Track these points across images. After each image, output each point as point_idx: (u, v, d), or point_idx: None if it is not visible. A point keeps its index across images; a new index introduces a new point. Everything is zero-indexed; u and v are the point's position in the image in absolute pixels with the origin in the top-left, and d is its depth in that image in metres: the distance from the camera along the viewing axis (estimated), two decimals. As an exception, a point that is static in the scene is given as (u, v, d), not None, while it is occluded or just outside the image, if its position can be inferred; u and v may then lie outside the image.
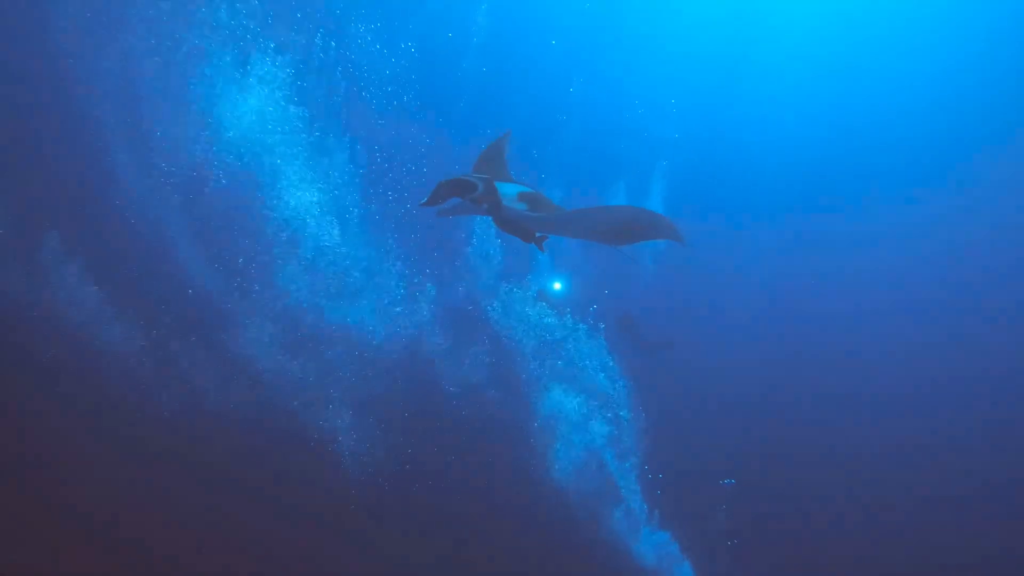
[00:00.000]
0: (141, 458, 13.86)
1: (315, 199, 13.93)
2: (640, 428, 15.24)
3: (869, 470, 19.16)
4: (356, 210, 14.56)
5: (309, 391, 13.92)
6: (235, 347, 14.21)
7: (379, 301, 14.75)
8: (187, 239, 15.38)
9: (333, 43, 14.62)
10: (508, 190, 5.73)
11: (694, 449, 17.00)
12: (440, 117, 16.76)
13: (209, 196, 14.75)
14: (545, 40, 21.02)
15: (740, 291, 22.26)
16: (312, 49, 14.33)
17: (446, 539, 14.32)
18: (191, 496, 13.70)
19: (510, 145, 6.58)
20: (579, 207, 5.73)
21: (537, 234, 6.11)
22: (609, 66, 21.62)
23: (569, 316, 14.66)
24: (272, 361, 14.16)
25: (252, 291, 14.42)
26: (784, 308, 22.59)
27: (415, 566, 14.06)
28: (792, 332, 22.17)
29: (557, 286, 16.70)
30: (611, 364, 14.66)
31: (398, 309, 14.99)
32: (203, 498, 13.68)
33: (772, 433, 19.25)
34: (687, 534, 14.57)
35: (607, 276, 17.30)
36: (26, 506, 12.51)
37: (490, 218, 5.87)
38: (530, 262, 16.33)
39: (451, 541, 14.33)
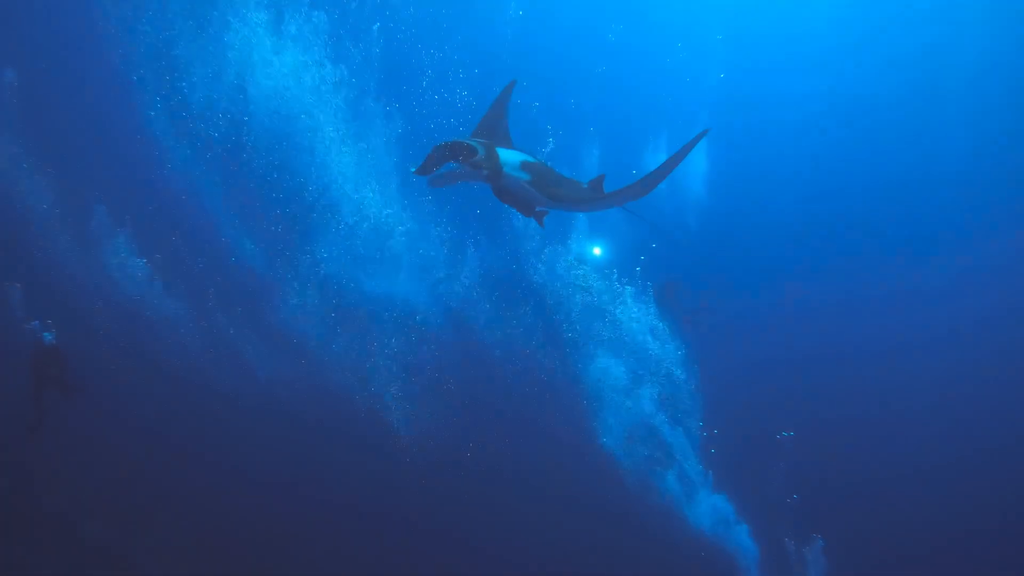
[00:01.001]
0: (198, 431, 14.09)
1: (353, 162, 13.62)
2: (692, 390, 14.81)
3: (931, 426, 18.44)
4: (395, 174, 14.22)
5: (356, 361, 13.84)
6: (280, 318, 14.22)
7: (421, 267, 14.51)
8: (227, 206, 15.29)
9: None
10: (510, 158, 5.34)
11: (748, 409, 16.50)
12: (482, 70, 16.02)
13: (247, 162, 14.59)
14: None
15: (784, 247, 21.31)
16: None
17: (499, 506, 14.31)
18: (251, 468, 13.90)
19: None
20: (588, 181, 5.71)
21: (537, 208, 5.75)
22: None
23: (615, 278, 14.14)
24: (318, 331, 14.13)
25: (294, 259, 14.32)
26: (834, 262, 21.56)
27: (469, 529, 14.13)
28: (841, 288, 21.21)
29: (597, 251, 16.01)
30: (660, 327, 14.16)
31: (441, 275, 14.73)
32: (264, 469, 13.87)
33: (826, 390, 18.58)
34: (744, 495, 14.22)
35: (647, 240, 16.71)
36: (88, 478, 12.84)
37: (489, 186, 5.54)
38: (567, 227, 15.80)
39: (504, 508, 14.32)
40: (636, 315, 14.05)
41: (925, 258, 20.13)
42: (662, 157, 6.49)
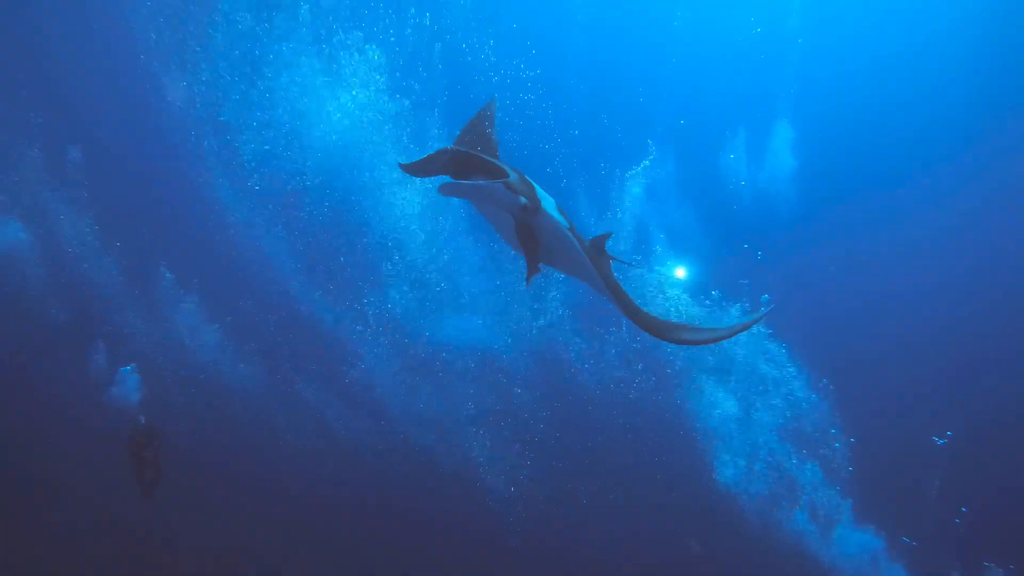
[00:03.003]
0: (277, 497, 13.41)
1: (418, 201, 12.91)
2: (815, 410, 13.15)
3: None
4: (462, 209, 13.40)
5: (438, 417, 12.88)
6: (356, 373, 13.49)
7: (499, 304, 13.51)
8: (293, 262, 14.82)
9: (428, 15, 13.45)
10: (545, 196, 4.25)
11: (889, 413, 14.61)
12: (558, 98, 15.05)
13: (307, 214, 14.14)
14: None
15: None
16: (405, 28, 13.25)
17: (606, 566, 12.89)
18: (333, 536, 13.10)
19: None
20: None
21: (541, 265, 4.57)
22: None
23: (714, 299, 12.72)
24: (394, 386, 13.30)
25: (364, 312, 13.62)
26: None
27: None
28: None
29: (680, 273, 14.38)
30: (773, 349, 12.60)
31: (520, 310, 13.67)
32: (345, 539, 13.03)
33: (986, 379, 16.33)
34: (894, 523, 12.30)
35: (730, 258, 15.34)
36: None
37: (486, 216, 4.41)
38: (641, 249, 14.52)
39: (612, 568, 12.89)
40: (744, 338, 12.57)
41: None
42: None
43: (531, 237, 4.22)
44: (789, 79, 19.28)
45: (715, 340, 3.85)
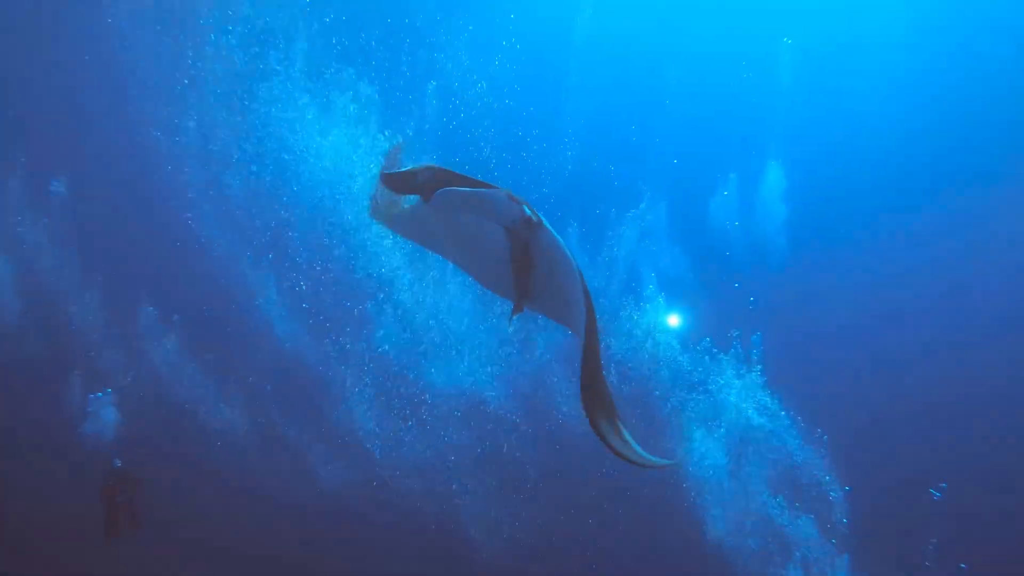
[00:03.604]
0: (259, 545, 12.89)
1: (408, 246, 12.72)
2: (809, 461, 12.87)
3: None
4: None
5: (425, 464, 12.51)
6: (340, 417, 13.12)
7: (487, 348, 13.24)
8: (279, 299, 14.54)
9: (422, 53, 13.42)
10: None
11: (883, 464, 14.33)
12: (551, 137, 14.98)
13: (294, 250, 13.92)
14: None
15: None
16: (399, 64, 13.22)
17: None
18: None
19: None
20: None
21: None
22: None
23: (708, 347, 12.49)
24: (381, 431, 12.94)
25: (349, 352, 13.32)
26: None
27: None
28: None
29: (674, 321, 14.11)
30: (767, 399, 12.34)
31: (508, 352, 13.41)
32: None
33: (983, 425, 16.11)
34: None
35: (727, 303, 15.17)
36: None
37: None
38: (632, 291, 14.32)
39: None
40: (735, 384, 12.33)
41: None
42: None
43: (526, 259, 3.85)
44: (780, 124, 19.44)
45: (626, 457, 3.37)
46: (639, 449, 3.26)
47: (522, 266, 3.85)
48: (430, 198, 3.73)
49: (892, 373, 17.11)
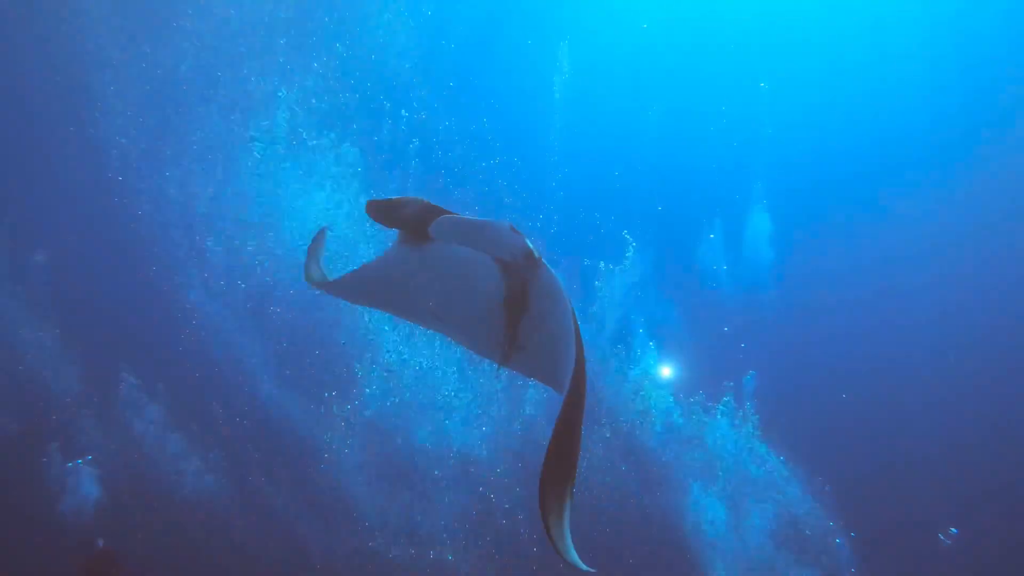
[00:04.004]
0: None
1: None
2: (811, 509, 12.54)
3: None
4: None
5: (419, 529, 12.08)
6: (330, 483, 12.74)
7: (476, 405, 12.99)
8: (263, 362, 14.30)
9: (404, 112, 13.53)
10: None
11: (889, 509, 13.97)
12: (534, 192, 15.04)
13: (279, 312, 13.77)
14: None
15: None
16: (381, 124, 13.31)
17: None
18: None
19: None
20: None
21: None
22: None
23: (700, 401, 12.30)
24: (373, 495, 12.54)
25: (335, 415, 13.03)
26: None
27: None
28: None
29: (666, 372, 13.97)
30: (762, 449, 12.10)
31: (498, 410, 13.14)
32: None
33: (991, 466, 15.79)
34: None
35: (718, 353, 15.04)
36: None
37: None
38: (622, 342, 14.15)
39: None
40: (730, 436, 12.09)
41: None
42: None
43: (521, 301, 3.54)
44: (761, 166, 19.65)
45: (556, 544, 2.79)
46: (571, 548, 2.77)
47: (515, 310, 3.54)
48: (421, 230, 3.39)
49: (891, 415, 16.89)
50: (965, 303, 18.08)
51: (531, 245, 3.31)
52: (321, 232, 4.12)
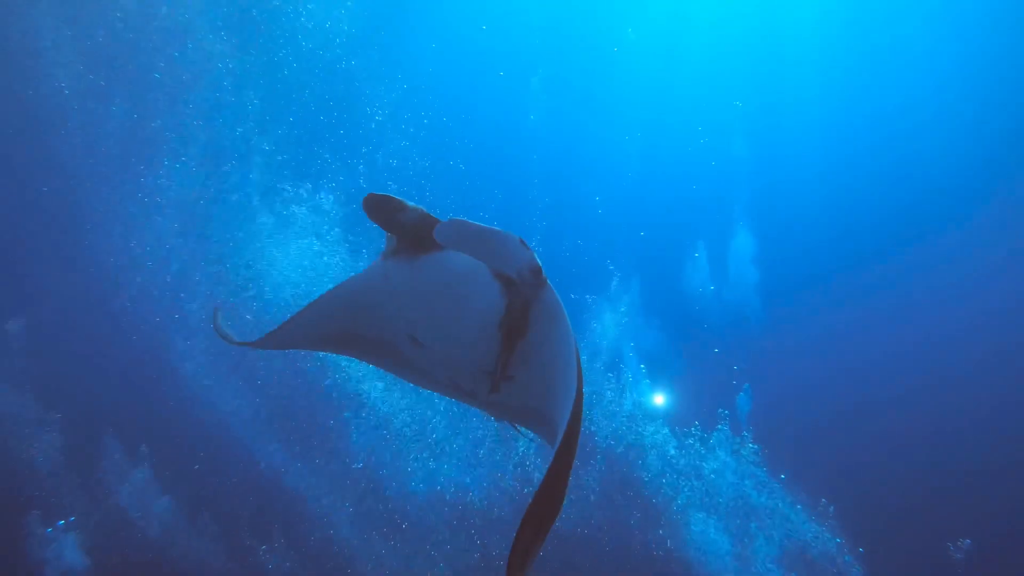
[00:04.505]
0: None
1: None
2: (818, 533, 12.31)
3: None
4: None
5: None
6: (324, 538, 12.40)
7: (466, 450, 12.74)
8: (251, 417, 13.99)
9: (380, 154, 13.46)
10: None
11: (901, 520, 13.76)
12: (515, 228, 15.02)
13: (264, 365, 13.53)
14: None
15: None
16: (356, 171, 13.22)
17: None
18: None
19: None
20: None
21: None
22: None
23: (695, 432, 12.11)
24: (369, 547, 12.20)
25: (326, 467, 12.76)
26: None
27: None
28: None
29: (659, 400, 13.82)
30: (759, 473, 11.90)
31: (490, 453, 12.90)
32: None
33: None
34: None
35: (709, 381, 14.90)
36: None
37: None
38: (612, 371, 14.00)
39: None
40: (731, 465, 11.90)
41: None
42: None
43: (521, 325, 3.19)
44: (741, 186, 19.73)
45: None
46: None
47: (512, 334, 3.19)
48: (422, 234, 3.04)
49: (888, 428, 16.76)
50: (951, 310, 18.12)
51: (539, 262, 3.04)
52: (215, 312, 3.79)
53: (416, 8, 16.61)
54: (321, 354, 12.82)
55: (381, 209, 3.04)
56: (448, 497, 12.30)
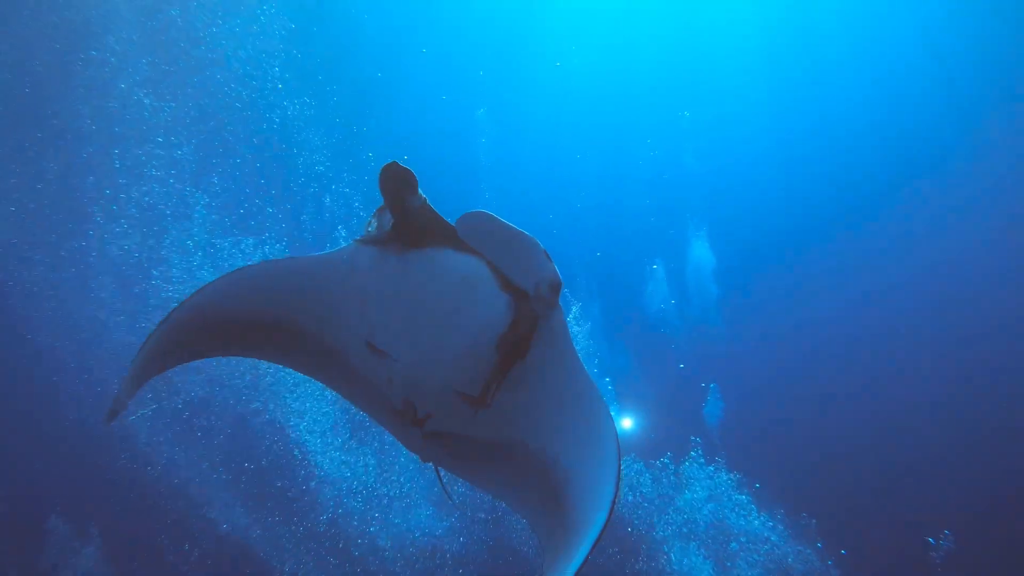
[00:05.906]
0: None
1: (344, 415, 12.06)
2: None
3: None
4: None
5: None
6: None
7: (432, 491, 12.37)
8: (206, 484, 13.32)
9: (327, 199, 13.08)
10: None
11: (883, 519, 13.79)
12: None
13: (220, 432, 12.94)
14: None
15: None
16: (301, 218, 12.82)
17: None
18: None
19: None
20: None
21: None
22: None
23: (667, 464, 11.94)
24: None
25: (294, 528, 12.22)
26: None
27: None
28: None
29: (627, 423, 13.77)
30: (743, 498, 11.76)
31: (465, 494, 12.50)
32: None
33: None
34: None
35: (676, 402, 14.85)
36: None
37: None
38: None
39: None
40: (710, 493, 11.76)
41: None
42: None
43: (522, 346, 2.73)
44: (693, 197, 19.78)
45: None
46: None
47: (509, 354, 2.72)
48: (441, 225, 2.68)
49: (859, 432, 16.86)
50: (916, 311, 18.37)
51: (559, 274, 2.63)
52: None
53: (352, 49, 16.34)
54: (283, 406, 12.33)
55: (405, 183, 2.59)
56: (418, 549, 11.90)
